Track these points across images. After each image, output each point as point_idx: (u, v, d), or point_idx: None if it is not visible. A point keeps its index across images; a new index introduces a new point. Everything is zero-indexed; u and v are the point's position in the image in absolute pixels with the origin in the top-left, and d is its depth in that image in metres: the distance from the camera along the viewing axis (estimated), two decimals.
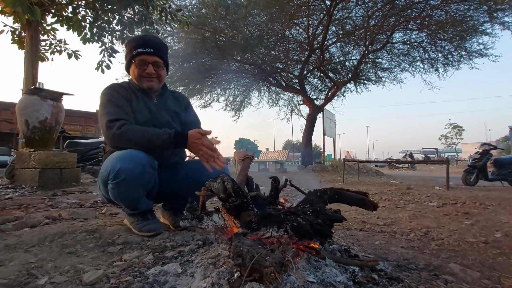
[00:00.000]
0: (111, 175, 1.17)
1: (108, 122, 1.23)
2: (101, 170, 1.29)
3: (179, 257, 1.06)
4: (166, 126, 1.46)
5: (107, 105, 1.31)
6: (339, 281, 0.82)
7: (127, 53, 1.42)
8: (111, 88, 1.39)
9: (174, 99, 1.59)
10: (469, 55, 8.39)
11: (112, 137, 1.21)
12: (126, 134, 1.20)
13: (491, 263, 1.14)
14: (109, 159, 1.24)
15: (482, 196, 3.34)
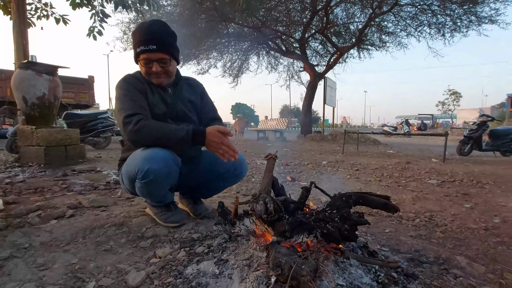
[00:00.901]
0: (139, 175, 1.20)
1: (125, 118, 1.21)
2: (126, 167, 1.31)
3: (210, 253, 1.14)
4: (183, 117, 1.45)
5: (123, 100, 1.28)
6: (365, 283, 0.90)
7: (133, 46, 1.35)
8: (125, 81, 1.35)
9: (189, 88, 1.55)
10: (479, 20, 8.01)
11: (130, 133, 1.20)
12: (143, 131, 1.19)
13: (493, 254, 1.25)
14: (134, 157, 1.26)
15: (477, 172, 3.48)
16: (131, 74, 1.40)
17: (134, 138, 1.20)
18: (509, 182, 2.81)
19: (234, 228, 1.01)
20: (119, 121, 1.25)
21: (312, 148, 7.49)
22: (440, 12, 8.79)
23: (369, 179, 2.98)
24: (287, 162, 4.14)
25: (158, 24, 1.30)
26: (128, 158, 1.36)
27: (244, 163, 1.60)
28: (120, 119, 1.23)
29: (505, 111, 16.97)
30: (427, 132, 12.94)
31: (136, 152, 1.28)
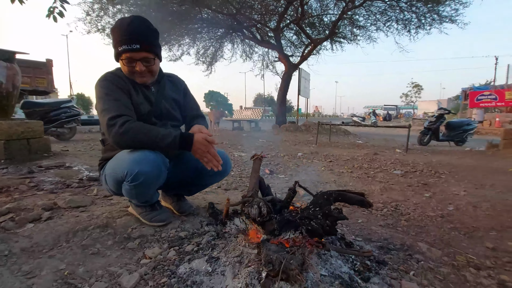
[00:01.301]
0: (129, 177, 1.19)
1: (109, 120, 1.17)
2: (111, 168, 1.29)
3: (200, 251, 1.18)
4: (167, 116, 1.45)
5: (106, 100, 1.23)
6: (344, 272, 1.02)
7: (113, 44, 1.29)
8: (107, 80, 1.29)
9: (172, 85, 1.53)
10: (440, 19, 8.60)
11: (115, 136, 1.16)
12: (129, 134, 1.16)
13: (447, 239, 1.45)
14: (122, 158, 1.24)
15: (435, 162, 3.86)
16: (112, 72, 1.34)
17: (119, 141, 1.18)
18: (461, 172, 3.17)
19: (225, 228, 1.06)
20: (102, 123, 1.21)
21: (287, 138, 7.69)
22: (407, 9, 9.27)
23: (342, 170, 3.18)
24: (264, 154, 4.23)
25: (139, 22, 1.25)
26: (113, 159, 1.34)
27: (229, 161, 1.64)
28: (104, 120, 1.19)
29: (460, 103, 18.64)
30: (392, 124, 13.88)
31: (123, 154, 1.26)
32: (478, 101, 14.04)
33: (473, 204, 1.99)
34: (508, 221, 1.68)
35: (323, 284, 0.93)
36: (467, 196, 2.18)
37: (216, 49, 12.76)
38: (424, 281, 1.05)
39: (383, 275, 1.05)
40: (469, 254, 1.28)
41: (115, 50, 1.26)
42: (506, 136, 5.22)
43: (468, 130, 7.45)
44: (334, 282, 0.94)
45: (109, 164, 1.36)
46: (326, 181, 2.68)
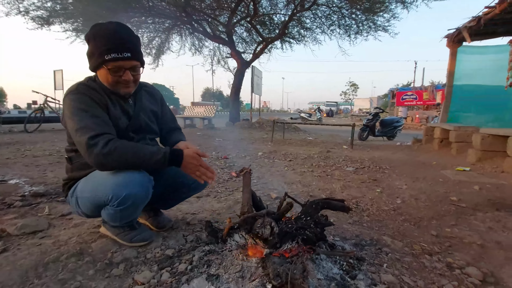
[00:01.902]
0: (114, 201, 1.13)
1: (89, 139, 1.07)
2: (90, 191, 1.20)
3: (194, 269, 1.17)
4: (145, 129, 1.38)
5: (82, 116, 1.12)
6: (335, 273, 1.14)
7: (92, 51, 1.17)
8: (80, 93, 1.17)
9: (149, 96, 1.46)
10: (375, 27, 9.70)
11: (97, 157, 1.07)
12: (114, 154, 1.08)
13: (402, 231, 1.72)
14: (101, 181, 1.17)
15: (377, 158, 4.41)
16: (85, 84, 1.21)
17: (103, 162, 1.08)
18: (398, 167, 3.70)
19: (226, 245, 1.08)
20: (80, 142, 1.09)
21: (243, 136, 7.78)
22: (348, 16, 10.16)
23: (303, 170, 3.40)
24: (226, 156, 4.24)
25: (125, 29, 1.18)
26: (87, 180, 1.22)
27: None
28: (81, 140, 1.08)
29: (388, 101, 21.41)
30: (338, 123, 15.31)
31: (101, 175, 1.15)
32: (403, 100, 16.37)
33: (414, 196, 2.38)
34: (442, 210, 2.07)
35: (323, 287, 1.03)
36: (408, 190, 2.58)
37: (163, 41, 12.03)
38: (395, 271, 1.24)
39: (364, 271, 1.21)
40: (422, 243, 1.55)
41: (99, 58, 1.15)
42: (427, 133, 6.24)
43: (398, 127, 8.67)
44: (331, 284, 1.05)
45: (83, 186, 1.23)
46: (291, 181, 2.84)
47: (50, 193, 2.20)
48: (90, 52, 1.17)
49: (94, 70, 1.21)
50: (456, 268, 1.30)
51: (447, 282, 1.19)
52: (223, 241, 1.08)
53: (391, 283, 1.14)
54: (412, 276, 1.22)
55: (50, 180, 2.57)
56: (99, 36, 1.14)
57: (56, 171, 2.92)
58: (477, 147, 3.94)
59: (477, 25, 4.94)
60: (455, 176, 3.06)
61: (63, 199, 2.09)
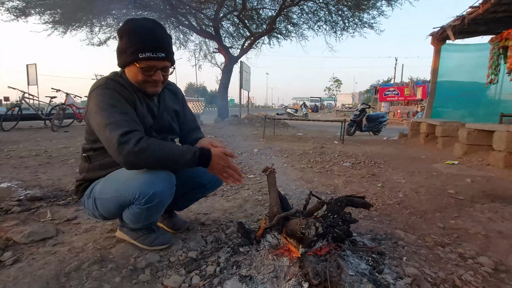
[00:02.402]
0: (141, 199, 1.10)
1: (121, 136, 1.01)
2: (114, 191, 1.15)
3: (224, 270, 1.16)
4: (168, 129, 1.35)
5: (111, 112, 1.06)
6: (364, 268, 1.17)
7: (124, 47, 1.12)
8: (109, 88, 1.12)
9: (171, 94, 1.42)
10: (362, 24, 9.89)
11: (128, 155, 1.01)
12: (146, 152, 1.03)
13: (411, 224, 1.79)
14: (126, 179, 1.13)
15: (369, 152, 4.54)
16: (113, 79, 1.16)
17: (134, 160, 1.03)
18: (392, 161, 3.83)
19: (259, 245, 1.07)
20: (108, 139, 1.03)
21: (234, 133, 7.73)
22: (334, 12, 10.28)
23: (302, 166, 3.44)
24: None
25: (161, 28, 1.14)
26: (109, 180, 1.18)
27: None
28: (112, 136, 1.02)
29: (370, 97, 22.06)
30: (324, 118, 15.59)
31: (126, 174, 1.12)
32: (386, 96, 16.92)
33: (415, 190, 2.48)
34: (443, 202, 2.17)
35: (356, 283, 1.05)
36: (408, 184, 2.69)
37: None
38: (416, 264, 1.30)
39: (388, 265, 1.25)
40: (432, 235, 1.62)
41: (132, 55, 1.10)
42: (413, 127, 6.49)
43: (383, 122, 8.96)
44: (363, 279, 1.08)
45: (103, 186, 1.19)
46: (294, 178, 2.87)
47: (48, 197, 2.08)
48: (121, 48, 1.13)
49: (123, 66, 1.17)
50: (468, 258, 1.38)
51: (464, 272, 1.25)
52: (257, 241, 1.07)
53: (415, 276, 1.18)
54: (431, 268, 1.27)
55: (44, 182, 2.43)
56: (133, 32, 1.10)
57: (49, 173, 2.77)
58: (463, 141, 4.16)
59: (461, 24, 5.16)
60: (447, 170, 3.21)
61: (64, 202, 2.00)
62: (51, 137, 5.72)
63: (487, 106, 6.60)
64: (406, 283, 1.13)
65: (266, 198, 2.19)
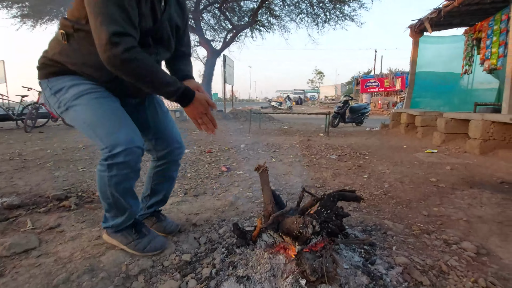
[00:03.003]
0: (108, 153, 1.07)
1: (113, 35, 0.90)
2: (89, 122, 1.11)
3: (220, 272, 1.15)
4: (164, 43, 1.21)
5: (111, 2, 0.91)
6: (357, 261, 1.20)
7: None
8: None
9: (178, 7, 1.25)
10: (343, 16, 10.00)
11: (113, 59, 0.93)
12: (132, 64, 0.95)
13: (398, 213, 1.85)
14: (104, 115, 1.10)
15: (354, 144, 4.65)
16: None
17: (117, 66, 0.95)
18: (376, 152, 3.95)
19: (256, 245, 1.07)
20: (99, 31, 0.91)
21: (219, 128, 7.62)
22: (316, 4, 10.31)
23: (290, 160, 3.46)
24: (209, 150, 4.15)
25: None
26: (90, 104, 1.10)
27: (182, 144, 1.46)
28: (103, 30, 0.90)
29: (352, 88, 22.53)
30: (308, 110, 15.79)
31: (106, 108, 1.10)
32: (367, 87, 17.32)
33: (399, 180, 2.56)
34: (426, 191, 2.26)
35: (351, 276, 1.08)
36: (392, 174, 2.78)
37: None
38: (405, 252, 1.35)
39: (379, 255, 1.29)
40: (418, 223, 1.69)
41: None
42: (394, 118, 6.70)
43: (365, 113, 9.18)
44: (357, 272, 1.11)
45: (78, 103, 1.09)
46: (283, 172, 2.89)
47: (27, 204, 1.97)
48: None
49: None
50: (453, 243, 1.45)
51: (449, 257, 1.31)
52: (253, 242, 1.07)
53: (405, 264, 1.23)
54: (419, 256, 1.33)
55: (21, 189, 2.30)
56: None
57: (26, 178, 2.62)
58: (441, 130, 4.34)
59: (438, 16, 5.33)
60: (428, 158, 3.35)
61: (45, 209, 1.89)
62: (25, 138, 5.41)
63: (462, 95, 6.92)
64: (397, 272, 1.17)
65: (257, 195, 2.19)
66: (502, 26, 4.76)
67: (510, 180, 2.46)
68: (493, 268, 1.24)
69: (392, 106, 15.48)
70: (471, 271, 1.22)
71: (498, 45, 4.84)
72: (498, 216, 1.76)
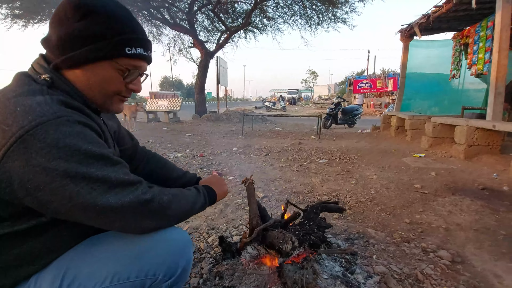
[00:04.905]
0: (168, 280, 0.72)
1: (142, 194, 0.65)
2: (98, 279, 0.64)
3: (207, 282, 1.20)
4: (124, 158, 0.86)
5: (103, 167, 0.61)
6: (337, 271, 1.26)
7: (98, 32, 0.65)
8: (76, 121, 0.60)
9: None
10: (335, 19, 10.10)
11: (159, 212, 0.69)
12: (174, 204, 0.72)
13: (382, 221, 1.92)
14: (131, 254, 0.68)
15: (344, 148, 4.74)
16: (64, 102, 0.62)
17: (169, 218, 0.73)
18: (365, 156, 4.03)
19: (241, 257, 1.12)
20: (123, 205, 0.61)
21: (212, 130, 7.67)
22: (309, 7, 10.38)
23: (281, 165, 3.52)
24: (202, 153, 4.18)
25: None
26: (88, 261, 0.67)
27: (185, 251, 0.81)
28: (130, 198, 0.62)
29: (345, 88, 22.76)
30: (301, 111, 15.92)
31: (122, 244, 0.70)
32: (359, 88, 17.52)
33: (385, 186, 2.65)
34: (410, 197, 2.35)
35: (330, 286, 1.13)
36: (379, 179, 2.86)
37: None
38: (384, 261, 1.41)
39: (359, 265, 1.35)
40: (399, 231, 1.76)
41: (115, 48, 0.67)
42: (384, 120, 6.82)
43: (357, 114, 9.33)
44: (336, 282, 1.17)
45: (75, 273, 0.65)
46: (273, 178, 2.94)
47: None
48: (89, 32, 0.64)
49: (79, 63, 0.66)
50: (430, 252, 1.52)
51: (426, 266, 1.39)
52: (239, 254, 1.12)
53: (383, 273, 1.29)
54: (398, 264, 1.40)
55: None
56: (112, 14, 0.67)
57: None
58: (429, 134, 4.46)
59: (427, 22, 5.45)
60: (414, 163, 3.45)
61: None
62: None
63: (452, 96, 7.09)
64: (375, 281, 1.23)
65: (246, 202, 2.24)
66: (488, 33, 4.90)
67: (490, 186, 2.56)
68: (465, 276, 1.32)
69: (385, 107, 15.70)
70: (444, 279, 1.29)
71: (484, 51, 4.98)
72: (475, 224, 1.85)
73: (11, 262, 0.64)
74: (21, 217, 0.62)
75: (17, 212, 0.61)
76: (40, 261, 0.66)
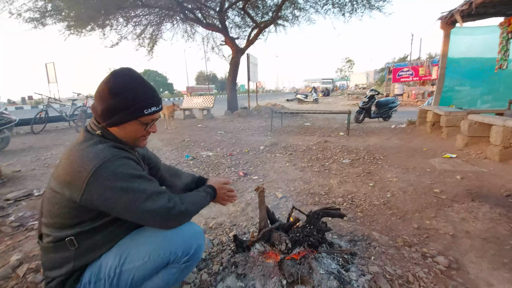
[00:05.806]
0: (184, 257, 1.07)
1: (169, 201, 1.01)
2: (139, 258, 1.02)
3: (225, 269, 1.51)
4: None
5: (140, 182, 0.97)
6: (334, 268, 1.48)
7: (123, 105, 1.00)
8: (122, 157, 0.98)
9: None
10: (370, 6, 9.62)
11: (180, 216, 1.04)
12: (190, 208, 1.08)
13: (390, 225, 2.06)
14: (160, 239, 1.04)
15: (372, 146, 4.72)
16: (114, 146, 1.02)
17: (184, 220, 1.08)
18: (391, 156, 4.02)
19: (250, 252, 1.41)
20: (154, 210, 0.97)
21: (243, 126, 8.03)
22: None
23: (303, 165, 3.71)
24: (231, 152, 4.53)
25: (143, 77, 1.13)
26: (133, 245, 1.04)
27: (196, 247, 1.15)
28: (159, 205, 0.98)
29: (384, 76, 21.47)
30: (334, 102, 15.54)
31: (153, 232, 1.05)
32: (399, 77, 16.44)
33: (403, 189, 2.71)
34: (425, 202, 2.41)
35: (324, 280, 1.37)
36: (398, 182, 2.92)
37: (154, 30, 11.87)
38: (380, 262, 1.59)
39: (356, 264, 1.55)
40: (404, 235, 1.89)
41: (135, 112, 1.02)
42: (421, 115, 6.51)
43: (393, 107, 8.93)
44: (330, 277, 1.40)
45: (126, 254, 1.02)
46: (293, 178, 3.16)
47: None
48: (118, 106, 1.00)
49: (116, 124, 1.03)
50: (429, 257, 1.65)
51: (420, 269, 1.53)
52: (248, 249, 1.41)
53: (376, 273, 1.48)
54: (393, 266, 1.57)
55: None
56: (132, 89, 1.01)
57: None
58: (464, 133, 4.24)
59: (469, 8, 5.05)
60: (441, 165, 3.39)
61: None
62: None
63: (501, 86, 6.47)
64: (366, 279, 1.43)
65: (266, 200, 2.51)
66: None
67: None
68: (456, 282, 1.45)
69: (428, 96, 14.57)
70: (434, 282, 1.44)
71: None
72: (485, 232, 1.89)
73: (93, 246, 1.03)
74: (96, 218, 1.01)
75: (94, 215, 1.00)
76: (106, 246, 1.05)
